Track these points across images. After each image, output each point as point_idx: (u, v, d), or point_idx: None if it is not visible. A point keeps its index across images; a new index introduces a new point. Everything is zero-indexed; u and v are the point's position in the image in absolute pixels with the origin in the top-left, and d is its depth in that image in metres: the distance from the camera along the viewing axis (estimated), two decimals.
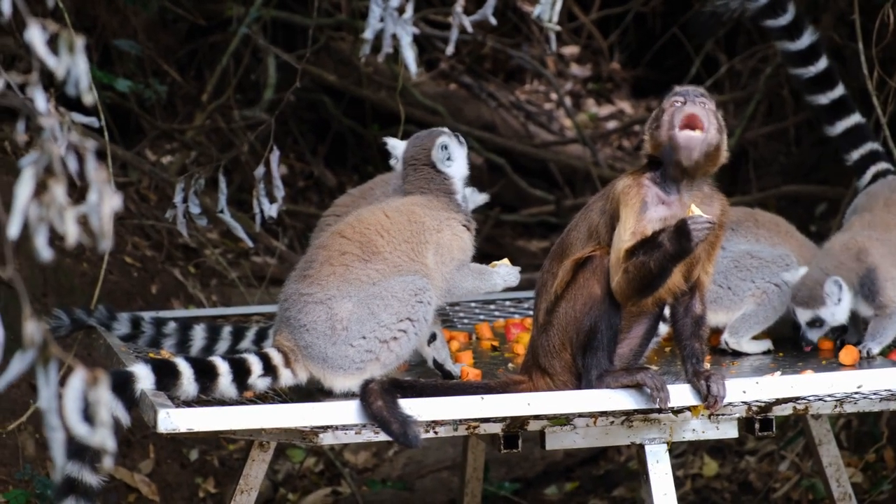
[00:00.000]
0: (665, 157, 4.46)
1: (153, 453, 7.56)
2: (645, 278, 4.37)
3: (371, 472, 8.28)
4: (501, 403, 4.38)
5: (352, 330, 4.70)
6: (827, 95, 5.78)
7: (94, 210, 2.80)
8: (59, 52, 2.84)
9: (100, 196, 2.79)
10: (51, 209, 2.77)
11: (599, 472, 8.44)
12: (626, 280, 4.40)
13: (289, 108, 10.48)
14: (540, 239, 11.38)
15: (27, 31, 2.80)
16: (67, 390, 2.75)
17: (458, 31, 4.11)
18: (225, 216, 6.09)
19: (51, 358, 2.77)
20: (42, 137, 2.79)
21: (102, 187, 2.78)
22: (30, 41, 2.79)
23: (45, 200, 2.76)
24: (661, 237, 4.33)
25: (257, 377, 4.63)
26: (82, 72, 2.86)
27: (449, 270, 4.91)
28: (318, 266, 4.80)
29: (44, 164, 2.78)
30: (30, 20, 2.79)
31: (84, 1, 8.97)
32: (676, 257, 4.34)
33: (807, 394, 4.58)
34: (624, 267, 4.38)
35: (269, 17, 9.74)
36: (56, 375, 2.80)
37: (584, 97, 13.22)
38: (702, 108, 4.45)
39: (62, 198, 2.76)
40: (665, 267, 4.35)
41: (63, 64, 2.85)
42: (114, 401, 4.32)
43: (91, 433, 2.77)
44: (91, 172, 2.80)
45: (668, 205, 4.47)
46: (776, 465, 7.94)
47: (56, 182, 2.76)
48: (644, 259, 4.34)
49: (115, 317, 5.52)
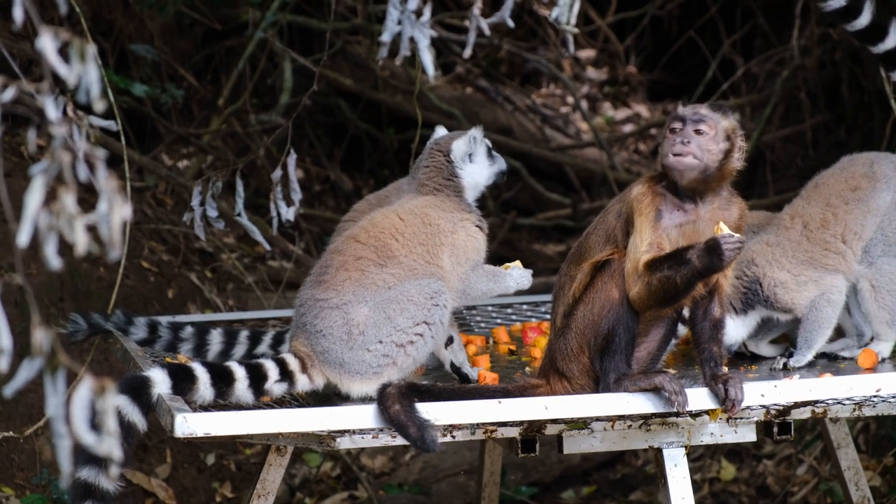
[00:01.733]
0: (670, 176, 4.49)
1: (170, 458, 7.56)
2: (669, 292, 4.38)
3: (388, 477, 8.28)
4: (519, 407, 4.37)
5: (368, 335, 4.70)
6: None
7: (103, 219, 2.79)
8: (70, 59, 2.84)
9: (110, 205, 2.79)
10: (61, 217, 2.76)
11: (617, 476, 8.42)
12: (648, 292, 4.40)
13: (305, 112, 10.47)
14: (556, 243, 11.37)
15: (38, 38, 2.80)
16: (75, 399, 2.75)
17: (475, 34, 4.10)
18: (242, 219, 6.09)
19: (59, 366, 2.76)
20: (53, 145, 2.79)
21: (112, 196, 2.78)
22: (41, 49, 2.79)
23: (55, 209, 2.76)
24: (689, 254, 4.32)
25: (274, 383, 4.62)
26: (94, 79, 2.85)
27: (464, 271, 4.90)
28: (334, 271, 4.79)
29: (54, 172, 2.78)
30: (42, 28, 2.79)
31: (101, 6, 8.98)
32: (704, 274, 4.35)
33: (825, 397, 4.56)
34: (647, 280, 4.37)
35: (286, 22, 9.75)
36: (64, 383, 2.79)
37: (601, 100, 13.21)
38: (696, 137, 4.45)
39: (72, 206, 2.76)
40: (691, 283, 4.36)
41: (75, 71, 2.85)
42: (130, 405, 4.32)
43: (98, 441, 2.76)
44: (101, 181, 2.80)
45: (684, 211, 4.46)
46: (794, 468, 7.91)
47: (66, 191, 2.75)
48: (669, 273, 4.34)
49: (133, 321, 5.52)
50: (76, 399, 2.74)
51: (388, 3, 4.09)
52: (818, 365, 5.18)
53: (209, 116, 9.72)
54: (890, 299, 5.21)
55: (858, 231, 5.22)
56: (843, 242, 5.22)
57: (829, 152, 9.44)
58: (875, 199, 5.25)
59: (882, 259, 5.22)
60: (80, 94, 2.85)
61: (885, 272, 5.22)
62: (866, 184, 5.28)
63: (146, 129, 9.48)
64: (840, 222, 5.23)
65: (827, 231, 5.23)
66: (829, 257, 5.21)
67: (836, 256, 5.21)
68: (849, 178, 5.31)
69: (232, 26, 10.02)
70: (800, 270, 5.19)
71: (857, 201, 5.26)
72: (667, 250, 4.41)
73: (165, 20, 9.13)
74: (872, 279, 5.22)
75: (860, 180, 5.29)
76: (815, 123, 9.87)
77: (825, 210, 5.26)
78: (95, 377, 2.76)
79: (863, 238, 5.23)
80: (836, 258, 5.21)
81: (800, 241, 5.23)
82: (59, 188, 2.76)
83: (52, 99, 2.86)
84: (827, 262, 5.20)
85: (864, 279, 5.23)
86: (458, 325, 5.44)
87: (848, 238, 5.22)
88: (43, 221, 2.76)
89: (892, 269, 5.22)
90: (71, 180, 2.78)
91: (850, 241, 5.22)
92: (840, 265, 5.21)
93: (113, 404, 2.75)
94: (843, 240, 5.22)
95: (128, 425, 4.30)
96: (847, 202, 5.26)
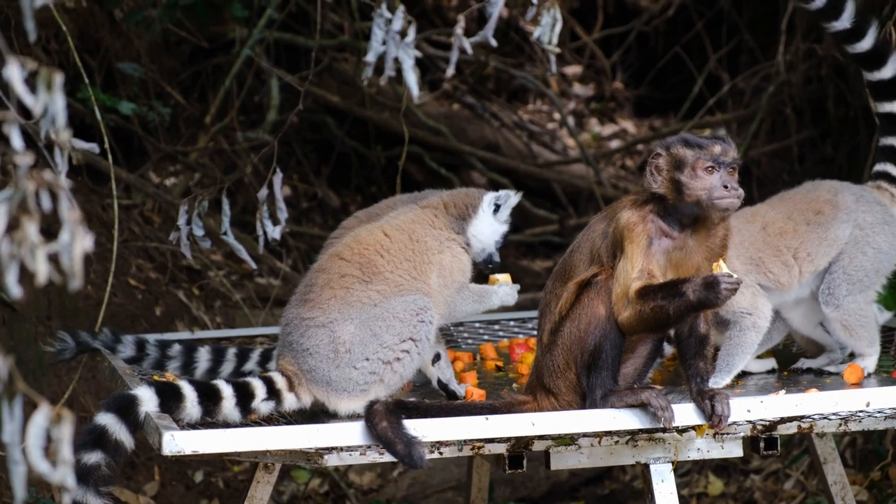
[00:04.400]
0: (684, 209, 4.45)
1: (158, 475, 7.56)
2: (660, 321, 4.38)
3: (376, 493, 8.27)
4: (506, 424, 4.37)
5: (355, 352, 4.71)
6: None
7: (65, 249, 2.79)
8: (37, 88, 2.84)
9: (72, 235, 2.79)
10: (22, 246, 2.76)
11: (604, 492, 8.43)
12: (640, 319, 4.39)
13: (292, 129, 10.50)
14: (543, 258, 11.39)
15: (5, 68, 2.80)
16: (30, 427, 2.75)
17: (458, 53, 4.12)
18: (228, 238, 6.09)
19: (16, 393, 2.76)
20: (17, 174, 2.78)
21: (74, 227, 2.78)
22: (8, 78, 2.79)
23: (17, 237, 2.76)
24: (684, 287, 4.32)
25: (261, 401, 4.63)
26: (59, 109, 2.85)
27: (451, 293, 4.92)
28: (319, 290, 4.80)
29: (18, 200, 2.77)
30: (9, 57, 2.79)
31: (87, 24, 8.99)
32: (698, 308, 4.35)
33: (811, 412, 4.57)
34: (639, 308, 4.37)
35: (273, 39, 9.77)
36: (21, 410, 2.79)
37: (587, 116, 13.25)
38: (733, 181, 4.44)
39: (34, 236, 2.76)
40: (683, 315, 4.36)
41: (41, 101, 2.85)
42: (117, 423, 4.32)
43: (52, 471, 2.76)
44: (64, 212, 2.80)
45: (672, 238, 4.46)
46: (781, 483, 7.93)
47: (29, 219, 2.75)
48: (663, 304, 4.33)
49: (120, 339, 5.52)
50: (32, 427, 2.74)
51: (373, 23, 4.10)
52: (804, 380, 5.19)
53: (196, 134, 9.73)
54: (864, 331, 5.23)
55: (812, 253, 5.22)
56: (793, 258, 5.22)
57: (815, 167, 9.48)
58: (834, 229, 5.25)
59: (848, 299, 5.23)
60: (46, 123, 2.85)
61: (853, 311, 5.22)
62: (829, 210, 5.28)
63: (133, 147, 9.48)
64: (797, 238, 5.24)
65: (782, 240, 5.24)
66: (775, 265, 5.21)
67: (782, 267, 5.21)
68: (812, 201, 5.32)
69: (219, 44, 10.04)
70: (746, 269, 5.19)
71: (816, 225, 5.26)
72: (657, 277, 4.40)
73: (152, 38, 9.14)
74: (842, 320, 5.22)
75: (823, 205, 5.30)
76: (801, 139, 9.90)
77: (786, 221, 5.27)
78: (52, 405, 2.77)
79: (813, 263, 5.22)
80: (782, 269, 5.21)
81: (755, 239, 5.24)
82: (21, 216, 2.76)
83: (17, 128, 2.86)
84: (772, 268, 5.20)
85: (835, 322, 5.23)
86: (446, 342, 5.45)
87: (800, 256, 5.22)
88: (4, 250, 2.76)
89: (858, 305, 5.23)
90: (34, 209, 2.78)
91: (801, 259, 5.22)
92: (782, 277, 5.21)
93: (69, 433, 2.75)
94: (795, 255, 5.22)
95: (115, 443, 4.31)
96: (808, 223, 5.27)
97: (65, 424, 2.75)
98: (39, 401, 2.74)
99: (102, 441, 4.29)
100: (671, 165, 4.47)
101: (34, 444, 2.74)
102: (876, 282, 5.28)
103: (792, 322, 5.42)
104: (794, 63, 9.80)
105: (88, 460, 4.25)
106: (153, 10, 8.09)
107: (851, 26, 5.40)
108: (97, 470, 4.26)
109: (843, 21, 5.39)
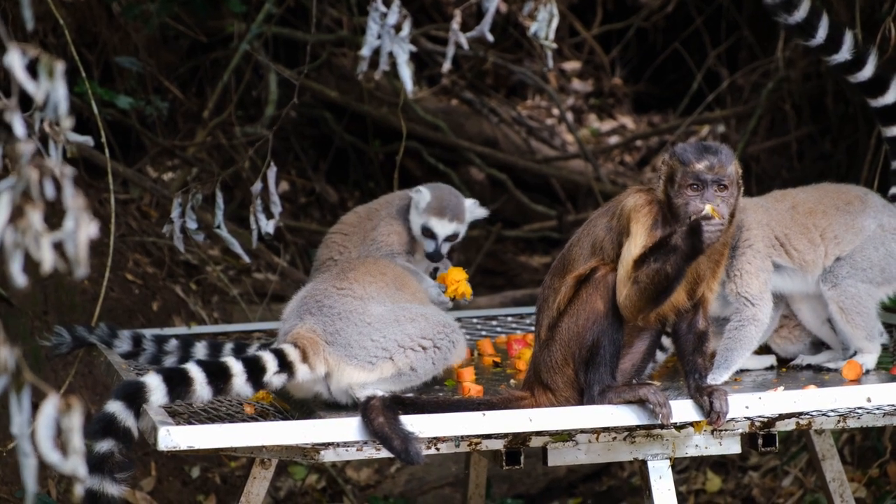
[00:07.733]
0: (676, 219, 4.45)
1: (154, 471, 7.55)
2: (659, 285, 4.34)
3: (373, 489, 8.27)
4: (503, 419, 4.36)
5: (376, 326, 4.82)
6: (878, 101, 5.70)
7: (70, 237, 2.78)
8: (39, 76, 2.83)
9: (76, 223, 2.77)
10: (27, 235, 2.75)
11: (602, 488, 8.42)
12: (637, 291, 4.37)
13: (290, 124, 10.48)
14: (542, 254, 11.38)
15: (6, 55, 2.79)
16: (40, 417, 2.73)
17: (454, 48, 4.10)
18: (222, 231, 6.08)
19: (24, 384, 2.75)
20: (20, 163, 2.77)
21: (79, 214, 2.76)
22: (9, 66, 2.78)
23: (20, 226, 2.74)
24: (672, 239, 4.31)
25: (273, 374, 4.63)
26: (61, 97, 2.84)
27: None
28: (358, 274, 4.99)
29: (21, 189, 2.76)
30: (10, 45, 2.77)
31: (85, 18, 8.97)
32: (691, 257, 4.31)
33: (810, 409, 4.55)
34: (634, 276, 4.36)
35: (271, 34, 9.75)
36: (29, 401, 2.78)
37: (586, 112, 13.23)
38: (720, 201, 4.39)
39: (38, 224, 2.74)
40: (679, 270, 4.31)
41: (42, 89, 2.83)
42: (125, 412, 4.30)
43: (63, 461, 2.75)
44: (68, 199, 2.78)
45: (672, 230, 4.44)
46: (779, 480, 7.92)
47: (33, 208, 2.74)
48: (657, 266, 4.32)
49: (117, 334, 5.51)
50: (41, 418, 2.73)
51: (368, 18, 4.09)
52: (802, 377, 5.18)
53: (194, 129, 9.71)
54: (860, 319, 5.21)
55: (839, 237, 5.24)
56: (820, 237, 5.23)
57: (814, 164, 9.46)
58: (862, 219, 5.28)
59: (847, 281, 5.22)
60: (48, 111, 2.84)
61: (851, 294, 5.21)
62: (858, 204, 5.33)
63: (131, 142, 9.47)
64: (826, 219, 5.26)
65: (811, 219, 5.26)
66: (801, 242, 5.21)
67: (808, 245, 5.21)
68: (844, 193, 5.38)
69: (217, 38, 10.01)
70: (768, 251, 5.19)
71: (846, 213, 5.29)
72: None
73: (150, 32, 9.12)
74: (839, 301, 5.21)
75: (853, 199, 5.34)
76: (800, 135, 9.88)
77: (816, 203, 5.30)
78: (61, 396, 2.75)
79: (839, 247, 5.24)
80: (808, 247, 5.21)
81: (782, 218, 5.26)
82: (25, 205, 2.75)
83: (20, 116, 2.85)
84: (798, 245, 5.21)
85: (831, 302, 5.23)
86: None
87: (827, 236, 5.23)
88: (9, 238, 2.74)
89: (857, 290, 5.22)
90: (38, 197, 2.76)
91: (827, 240, 5.23)
92: (808, 255, 5.21)
93: (79, 422, 2.73)
94: (822, 235, 5.24)
95: (124, 431, 4.29)
96: (838, 208, 5.30)
97: (75, 413, 2.74)
98: (48, 391, 2.73)
99: (112, 428, 4.27)
100: (666, 175, 4.45)
101: (44, 435, 2.73)
102: (879, 279, 5.26)
103: (800, 316, 5.41)
104: (793, 59, 9.79)
105: (101, 448, 4.24)
106: (151, 4, 8.08)
107: (852, 57, 5.44)
108: (111, 458, 4.25)
109: (844, 53, 5.43)
